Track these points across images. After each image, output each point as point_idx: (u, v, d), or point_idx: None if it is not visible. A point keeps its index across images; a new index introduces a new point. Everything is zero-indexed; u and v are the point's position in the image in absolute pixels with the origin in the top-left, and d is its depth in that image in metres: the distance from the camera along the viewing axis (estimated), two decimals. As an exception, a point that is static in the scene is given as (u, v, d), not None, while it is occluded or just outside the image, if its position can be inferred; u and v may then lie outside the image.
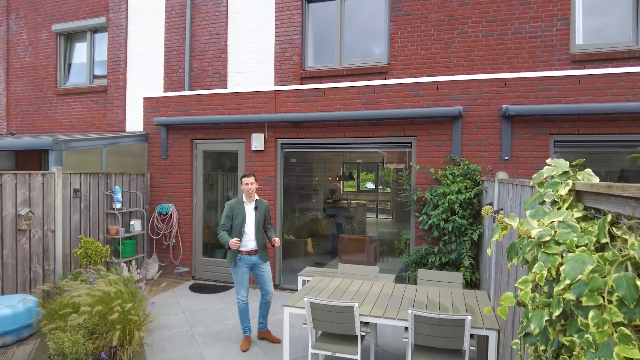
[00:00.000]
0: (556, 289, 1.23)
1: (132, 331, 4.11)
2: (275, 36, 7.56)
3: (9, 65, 9.93)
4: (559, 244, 1.39)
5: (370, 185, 9.25)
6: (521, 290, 1.41)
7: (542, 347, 1.43)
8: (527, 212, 1.71)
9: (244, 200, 4.70)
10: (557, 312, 1.21)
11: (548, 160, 1.76)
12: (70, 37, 9.55)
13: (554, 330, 1.36)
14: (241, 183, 4.70)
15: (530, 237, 1.54)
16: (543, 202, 1.75)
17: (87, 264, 5.73)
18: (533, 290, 1.44)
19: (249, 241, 4.63)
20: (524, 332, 1.56)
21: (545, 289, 1.47)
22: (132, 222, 7.17)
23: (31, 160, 8.41)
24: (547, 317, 1.29)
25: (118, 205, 6.82)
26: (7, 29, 9.91)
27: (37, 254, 5.56)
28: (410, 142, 6.27)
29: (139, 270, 5.37)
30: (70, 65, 9.63)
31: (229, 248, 4.42)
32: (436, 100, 6.05)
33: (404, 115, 6.07)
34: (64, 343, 3.80)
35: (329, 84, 6.69)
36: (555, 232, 1.43)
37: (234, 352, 4.58)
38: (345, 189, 9.03)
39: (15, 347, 4.53)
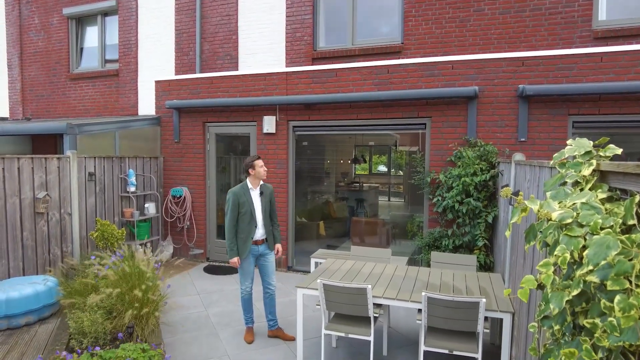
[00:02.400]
0: (578, 272, 1.19)
1: (149, 311, 4.19)
2: (286, 16, 7.43)
3: (22, 50, 10.00)
4: (581, 226, 1.34)
5: (382, 168, 9.19)
6: (542, 273, 1.37)
7: (557, 327, 1.40)
8: (548, 194, 1.66)
9: (249, 186, 4.33)
10: (575, 292, 1.17)
11: (569, 140, 1.70)
12: (81, 21, 9.54)
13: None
14: (253, 167, 4.27)
15: (550, 219, 1.50)
16: (564, 184, 1.70)
17: (103, 247, 5.85)
18: (553, 273, 1.40)
19: (257, 230, 4.35)
20: (542, 316, 1.53)
21: (564, 271, 1.43)
22: (146, 205, 7.26)
23: (47, 144, 8.52)
24: (567, 298, 1.26)
25: (132, 189, 6.90)
26: (19, 13, 9.93)
27: (55, 236, 5.68)
28: (425, 124, 6.16)
29: (156, 255, 5.45)
30: (82, 49, 9.65)
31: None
32: (451, 80, 5.91)
33: (418, 96, 5.96)
34: (83, 322, 3.90)
35: (341, 65, 6.58)
36: (578, 214, 1.38)
37: (248, 332, 4.65)
38: (357, 172, 8.98)
39: (38, 326, 4.68)
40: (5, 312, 4.45)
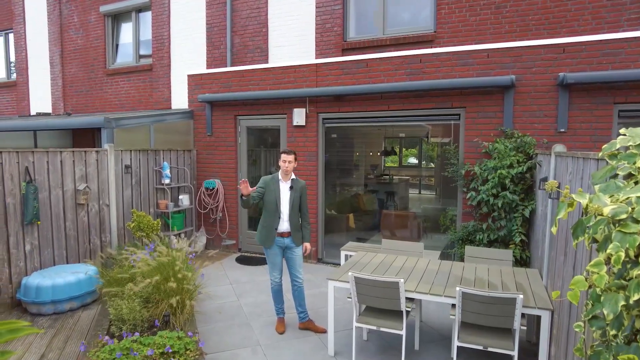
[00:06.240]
0: (635, 272, 1.12)
1: (184, 300, 4.31)
2: (316, 7, 7.37)
3: (63, 48, 10.41)
4: (637, 222, 1.25)
5: (413, 160, 9.03)
6: (594, 273, 1.29)
7: (613, 332, 1.32)
8: (596, 187, 1.56)
9: (280, 178, 4.43)
10: (635, 297, 1.10)
11: (622, 129, 1.60)
12: (117, 18, 9.82)
13: (628, 314, 1.24)
14: (279, 159, 4.45)
15: (601, 214, 1.41)
16: (615, 176, 1.60)
17: (139, 237, 6.04)
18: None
19: (283, 222, 4.38)
20: (590, 315, 1.45)
21: (616, 269, 1.35)
22: (180, 197, 7.45)
23: (86, 138, 8.86)
24: (623, 302, 1.18)
25: (167, 181, 7.09)
26: (59, 12, 10.33)
27: (94, 226, 5.92)
28: (459, 114, 5.99)
29: (191, 246, 5.60)
30: (117, 45, 9.94)
31: (242, 196, 4.24)
32: (486, 70, 5.71)
33: (452, 86, 5.79)
34: (122, 310, 4.06)
35: (371, 55, 6.47)
36: (633, 208, 1.29)
37: (280, 323, 4.70)
38: (387, 164, 8.87)
39: (81, 311, 4.92)
40: (52, 298, 4.70)
